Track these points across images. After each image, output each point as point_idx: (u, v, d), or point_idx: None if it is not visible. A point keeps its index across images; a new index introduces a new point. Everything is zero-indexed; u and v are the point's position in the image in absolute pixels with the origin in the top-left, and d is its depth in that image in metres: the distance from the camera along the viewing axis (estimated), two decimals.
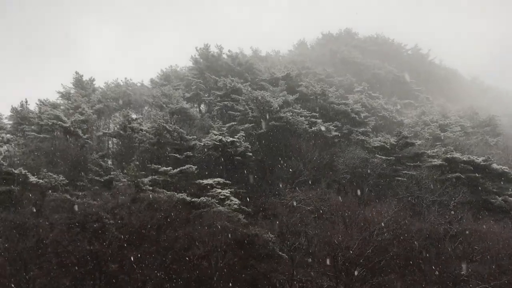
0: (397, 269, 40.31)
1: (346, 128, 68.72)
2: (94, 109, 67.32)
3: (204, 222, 41.22)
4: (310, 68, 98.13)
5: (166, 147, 57.44)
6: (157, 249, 37.98)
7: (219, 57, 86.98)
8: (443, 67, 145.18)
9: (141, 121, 60.86)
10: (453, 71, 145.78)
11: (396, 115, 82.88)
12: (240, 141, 57.32)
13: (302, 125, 63.88)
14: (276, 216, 45.72)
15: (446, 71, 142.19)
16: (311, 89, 76.25)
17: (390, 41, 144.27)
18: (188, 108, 70.20)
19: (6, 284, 35.98)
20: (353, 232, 39.82)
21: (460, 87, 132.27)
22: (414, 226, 44.48)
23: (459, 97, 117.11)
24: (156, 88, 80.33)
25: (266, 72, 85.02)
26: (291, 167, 56.73)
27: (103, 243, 37.14)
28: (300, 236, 43.50)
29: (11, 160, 50.15)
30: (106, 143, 65.87)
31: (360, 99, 79.94)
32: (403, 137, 63.08)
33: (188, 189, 48.70)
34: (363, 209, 45.55)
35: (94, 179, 49.74)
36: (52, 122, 57.46)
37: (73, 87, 79.16)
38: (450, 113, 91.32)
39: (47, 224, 39.66)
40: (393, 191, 55.69)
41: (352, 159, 57.84)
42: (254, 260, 40.52)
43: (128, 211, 39.82)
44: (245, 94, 67.47)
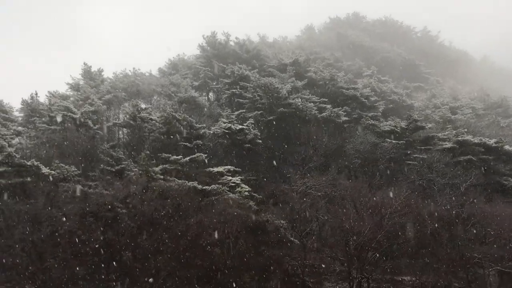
0: (409, 253, 40.33)
1: (356, 113, 68.28)
2: (103, 99, 67.53)
3: (216, 210, 41.47)
4: (318, 53, 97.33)
5: (176, 136, 57.57)
6: (170, 237, 38.28)
7: (226, 44, 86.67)
8: (453, 48, 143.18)
9: (150, 111, 61.01)
10: (463, 52, 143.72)
11: (406, 99, 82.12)
12: (249, 129, 57.30)
13: (311, 111, 63.62)
14: (287, 202, 45.84)
15: (456, 52, 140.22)
16: (320, 75, 75.74)
17: (398, 24, 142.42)
18: (197, 96, 70.21)
19: (22, 274, 36.65)
20: (365, 216, 39.82)
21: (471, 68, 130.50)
22: (425, 210, 44.36)
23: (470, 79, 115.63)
24: (164, 77, 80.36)
25: (274, 59, 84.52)
26: (301, 153, 56.65)
27: (116, 232, 37.55)
28: (311, 221, 43.59)
29: (23, 152, 50.71)
30: (116, 133, 66.16)
31: (369, 83, 79.26)
32: (414, 121, 62.61)
33: (199, 177, 48.85)
34: (374, 193, 45.48)
35: (106, 169, 50.07)
36: (62, 114, 57.80)
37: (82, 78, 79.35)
38: (461, 95, 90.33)
39: (61, 214, 40.15)
40: (404, 175, 55.45)
41: (362, 144, 57.59)
42: (265, 246, 40.78)
43: (140, 200, 40.12)
44: (253, 81, 67.24)
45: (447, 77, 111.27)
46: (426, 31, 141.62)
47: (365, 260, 37.45)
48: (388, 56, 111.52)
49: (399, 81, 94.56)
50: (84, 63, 79.27)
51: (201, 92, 78.17)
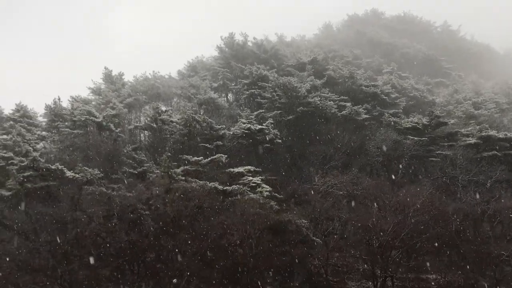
0: (434, 250, 39.75)
1: (376, 110, 67.66)
2: (124, 103, 68.45)
3: (237, 210, 41.54)
4: (337, 51, 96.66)
5: (196, 137, 57.94)
6: (192, 238, 38.50)
7: (244, 45, 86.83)
8: (474, 42, 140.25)
9: (170, 113, 61.53)
10: (485, 46, 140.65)
11: (427, 95, 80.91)
12: (269, 128, 57.30)
13: (331, 110, 63.29)
14: (308, 202, 45.68)
15: (478, 46, 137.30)
16: (339, 73, 75.27)
17: (418, 19, 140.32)
18: (216, 98, 70.54)
19: (49, 275, 37.39)
20: (388, 214, 39.39)
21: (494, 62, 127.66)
22: (450, 207, 43.67)
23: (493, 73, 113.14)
24: (183, 80, 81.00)
25: (292, 58, 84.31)
26: (322, 152, 56.38)
27: (140, 234, 37.97)
28: (333, 220, 43.38)
29: (47, 156, 51.70)
30: (138, 136, 66.95)
31: (389, 80, 78.37)
32: (436, 117, 61.71)
33: (219, 178, 49.04)
34: (397, 191, 44.99)
35: (128, 171, 50.71)
36: (84, 118, 58.76)
37: (103, 82, 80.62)
38: (484, 89, 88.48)
39: (85, 217, 40.80)
40: (427, 172, 54.74)
41: (384, 141, 57.02)
42: (288, 245, 40.66)
43: (163, 201, 40.49)
44: (272, 81, 67.23)
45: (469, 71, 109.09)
46: (446, 26, 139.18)
47: (389, 258, 37.07)
48: (408, 52, 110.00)
49: (420, 77, 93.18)
50: (105, 67, 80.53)
51: (220, 93, 78.50)
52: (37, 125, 66.95)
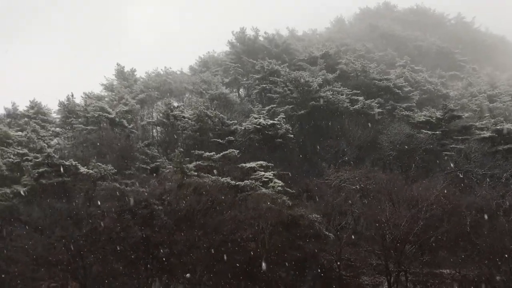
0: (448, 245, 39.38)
1: (389, 104, 67.12)
2: (137, 99, 68.92)
3: (249, 205, 41.59)
4: (349, 44, 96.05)
5: (208, 132, 58.12)
6: (205, 233, 38.67)
7: (256, 40, 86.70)
8: (489, 34, 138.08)
9: (182, 109, 61.81)
10: (500, 38, 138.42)
11: (441, 88, 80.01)
12: (281, 123, 57.19)
13: (343, 104, 62.95)
14: (321, 197, 45.54)
15: (493, 38, 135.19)
16: (351, 66, 74.81)
17: (431, 11, 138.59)
18: (228, 93, 70.62)
19: (65, 270, 37.88)
20: (401, 209, 39.10)
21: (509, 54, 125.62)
22: (464, 201, 43.15)
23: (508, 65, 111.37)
24: (195, 75, 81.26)
25: (304, 52, 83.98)
26: (334, 147, 56.16)
27: (153, 229, 38.21)
28: (346, 215, 43.18)
29: (61, 152, 52.26)
30: (150, 132, 67.39)
31: (402, 74, 77.64)
32: (449, 110, 61.02)
33: (232, 173, 49.14)
34: (410, 185, 44.63)
35: (141, 167, 51.08)
36: (98, 114, 59.26)
37: (116, 78, 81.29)
38: (499, 82, 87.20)
39: (99, 212, 41.18)
40: (441, 166, 54.17)
41: (397, 135, 56.58)
42: (300, 240, 40.65)
43: (175, 196, 40.68)
44: (283, 75, 67.05)
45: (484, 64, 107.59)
46: (460, 18, 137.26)
47: (402, 253, 36.81)
48: (421, 45, 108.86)
49: (433, 70, 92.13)
50: (117, 63, 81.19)
51: (231, 89, 78.55)
52: (51, 121, 67.80)
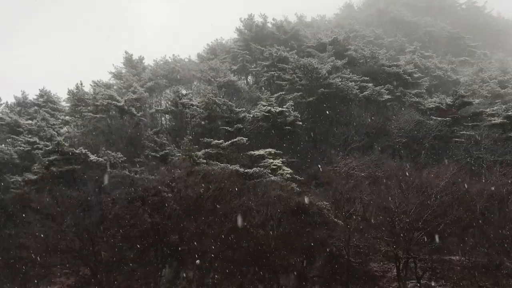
0: (458, 232, 39.32)
1: (399, 91, 66.53)
2: (145, 87, 68.95)
3: (258, 192, 41.78)
4: (358, 30, 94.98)
5: (217, 120, 58.14)
6: (215, 220, 38.97)
7: (264, 26, 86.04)
8: (501, 19, 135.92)
9: (191, 97, 61.73)
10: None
11: (451, 74, 79.13)
12: (289, 111, 56.97)
13: (352, 91, 62.50)
14: (330, 184, 45.56)
15: (505, 23, 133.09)
16: (360, 53, 74.17)
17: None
18: (236, 80, 70.39)
19: (76, 257, 38.41)
20: (410, 196, 38.98)
21: None
22: (474, 188, 42.94)
23: None
24: (203, 63, 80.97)
25: (313, 38, 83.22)
26: (343, 134, 55.97)
27: (163, 216, 38.56)
28: (355, 202, 43.19)
29: (71, 140, 52.62)
30: (159, 120, 67.51)
31: (412, 60, 76.80)
32: (460, 96, 60.40)
33: (240, 160, 49.23)
34: (420, 172, 44.45)
35: (150, 154, 51.32)
36: (106, 102, 59.45)
37: (124, 67, 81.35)
38: (511, 68, 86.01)
39: (109, 200, 41.58)
40: (451, 152, 53.78)
41: (406, 122, 56.21)
42: (309, 227, 40.80)
43: (185, 184, 40.90)
44: (292, 62, 66.64)
45: (496, 49, 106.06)
46: (471, 2, 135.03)
47: (411, 240, 36.79)
48: (431, 31, 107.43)
49: (443, 56, 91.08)
50: (125, 51, 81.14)
51: (240, 76, 78.31)
52: (60, 110, 68.24)
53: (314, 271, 40.62)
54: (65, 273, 43.15)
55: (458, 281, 38.29)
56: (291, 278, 39.82)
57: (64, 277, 43.34)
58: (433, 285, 38.64)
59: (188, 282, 40.50)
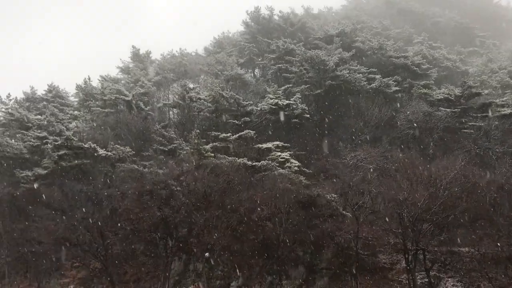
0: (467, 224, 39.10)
1: (407, 82, 66.08)
2: (153, 81, 69.26)
3: (266, 185, 41.86)
4: (366, 22, 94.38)
5: (224, 114, 58.22)
6: (223, 213, 39.11)
7: (270, 19, 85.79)
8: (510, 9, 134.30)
9: (198, 90, 61.85)
10: None
11: (460, 65, 78.39)
12: (297, 103, 56.88)
13: (360, 82, 62.18)
14: (338, 176, 45.49)
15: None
16: (368, 44, 73.68)
17: None
18: (243, 73, 70.36)
19: (86, 251, 38.82)
20: (419, 188, 38.78)
21: None
22: (484, 179, 42.62)
23: None
24: (210, 56, 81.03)
25: (320, 30, 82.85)
26: (351, 126, 55.78)
27: (172, 209, 38.77)
28: (363, 194, 43.09)
29: (80, 135, 53.08)
30: (167, 114, 67.77)
31: (420, 51, 76.16)
32: (469, 87, 59.81)
33: (248, 153, 49.33)
34: (429, 164, 44.20)
35: (159, 148, 51.60)
36: (114, 97, 59.75)
37: (131, 61, 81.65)
38: None
39: (119, 193, 41.94)
40: (460, 144, 53.40)
41: (415, 113, 55.85)
42: (317, 220, 40.82)
43: (193, 177, 41.08)
44: (299, 54, 66.37)
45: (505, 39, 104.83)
46: None
47: (420, 232, 36.67)
48: (439, 21, 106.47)
49: (452, 47, 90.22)
50: (132, 46, 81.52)
51: (246, 69, 78.24)
52: (69, 104, 68.74)
53: (322, 263, 40.71)
54: (76, 266, 43.71)
55: (468, 273, 38.19)
56: (300, 270, 39.96)
57: (75, 270, 43.91)
58: (442, 276, 38.56)
59: (197, 274, 40.83)
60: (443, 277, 38.55)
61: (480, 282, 37.30)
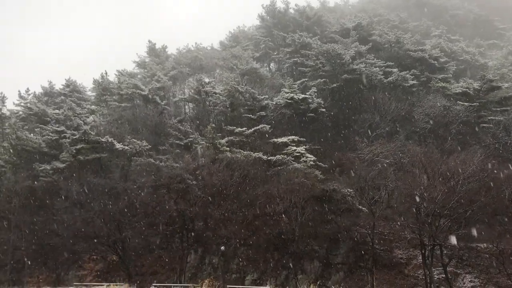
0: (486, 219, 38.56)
1: (424, 76, 65.25)
2: (168, 76, 69.51)
3: (282, 179, 41.79)
4: (382, 15, 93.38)
5: (239, 108, 58.19)
6: (239, 207, 39.24)
7: (286, 12, 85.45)
8: None
9: (213, 85, 61.94)
10: None
11: (479, 58, 77.08)
12: (312, 97, 56.59)
13: (376, 76, 61.57)
14: (354, 171, 45.20)
15: None
16: (385, 37, 72.91)
17: None
18: (258, 68, 70.19)
19: (103, 243, 39.30)
20: (436, 183, 38.34)
21: None
22: (503, 174, 41.94)
23: None
24: (225, 50, 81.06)
25: (336, 24, 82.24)
26: (367, 121, 55.34)
27: (188, 203, 39.05)
28: (379, 189, 42.78)
29: (97, 129, 53.62)
30: (182, 108, 68.10)
31: (438, 44, 75.11)
32: (488, 81, 58.80)
33: (263, 148, 49.30)
34: (446, 159, 43.62)
35: (175, 143, 51.88)
36: (131, 91, 60.19)
37: (148, 56, 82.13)
38: None
39: (135, 187, 42.31)
40: (478, 138, 52.69)
41: (432, 108, 55.15)
42: (333, 214, 40.71)
43: (209, 171, 41.27)
44: (315, 48, 65.96)
45: None
46: None
47: (437, 227, 36.30)
48: (458, 14, 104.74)
49: (471, 40, 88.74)
50: (148, 40, 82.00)
51: (262, 63, 78.05)
52: (86, 99, 69.54)
53: (338, 258, 40.61)
54: (94, 259, 44.35)
55: (486, 269, 37.76)
56: (315, 264, 39.91)
57: (93, 262, 44.57)
58: (460, 272, 38.18)
59: (213, 267, 41.09)
60: (460, 273, 38.20)
61: (498, 279, 36.86)
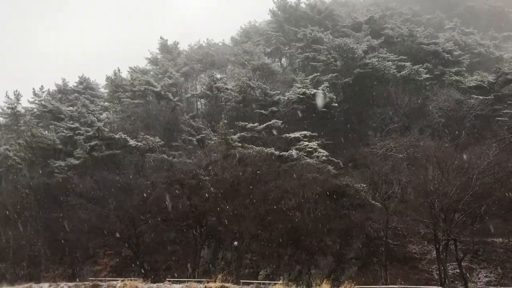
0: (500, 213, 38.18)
1: (438, 69, 64.52)
2: (180, 72, 69.70)
3: (294, 175, 41.76)
4: (395, 8, 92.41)
5: (251, 104, 58.18)
6: (251, 202, 39.30)
7: (297, 7, 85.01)
8: None
9: (225, 80, 61.99)
10: None
11: (493, 51, 75.93)
12: (325, 92, 56.33)
13: (389, 70, 61.06)
14: (367, 166, 44.96)
15: None
16: (397, 31, 72.19)
17: None
18: (270, 63, 70.05)
19: (118, 239, 39.73)
20: (450, 177, 37.95)
21: None
22: None
23: None
24: (237, 46, 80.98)
25: (348, 18, 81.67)
26: (380, 115, 54.97)
27: (200, 198, 39.25)
28: (393, 184, 42.56)
29: (111, 126, 54.15)
30: (194, 104, 68.31)
31: (451, 37, 74.13)
32: (503, 74, 57.90)
33: (275, 143, 49.25)
34: (460, 153, 43.18)
35: (187, 138, 52.11)
36: (144, 88, 60.51)
37: (159, 52, 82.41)
38: None
39: (149, 183, 42.63)
40: (493, 132, 51.94)
41: (446, 101, 54.57)
42: (346, 209, 40.64)
43: (221, 167, 41.42)
44: (327, 43, 65.59)
45: None
46: None
47: (451, 222, 36.00)
48: (472, 6, 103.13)
49: (485, 32, 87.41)
50: (160, 37, 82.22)
51: (273, 58, 77.91)
52: (99, 96, 70.08)
53: (351, 253, 40.55)
54: (108, 254, 44.85)
55: (501, 264, 37.41)
56: (329, 259, 39.90)
57: (107, 258, 45.07)
58: (475, 267, 37.88)
59: (226, 262, 41.31)
60: (475, 268, 37.89)
61: None
